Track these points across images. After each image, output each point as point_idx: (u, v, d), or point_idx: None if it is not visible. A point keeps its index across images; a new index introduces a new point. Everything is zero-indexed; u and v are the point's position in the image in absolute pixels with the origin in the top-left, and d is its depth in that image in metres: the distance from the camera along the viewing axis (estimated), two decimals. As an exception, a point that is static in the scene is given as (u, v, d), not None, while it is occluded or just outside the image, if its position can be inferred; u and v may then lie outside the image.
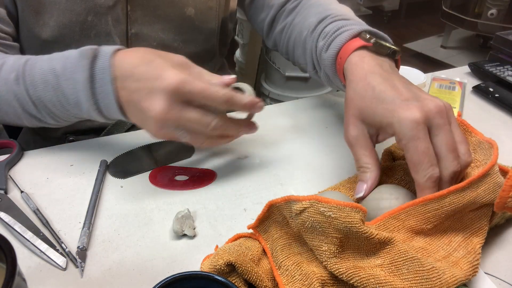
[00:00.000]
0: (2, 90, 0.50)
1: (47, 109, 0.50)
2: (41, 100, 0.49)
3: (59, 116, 0.51)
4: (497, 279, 0.41)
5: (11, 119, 0.54)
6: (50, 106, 0.50)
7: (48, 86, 0.48)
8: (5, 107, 0.52)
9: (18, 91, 0.50)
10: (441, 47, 2.90)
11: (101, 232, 0.47)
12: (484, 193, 0.41)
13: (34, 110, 0.51)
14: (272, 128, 0.66)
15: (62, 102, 0.49)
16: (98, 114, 0.49)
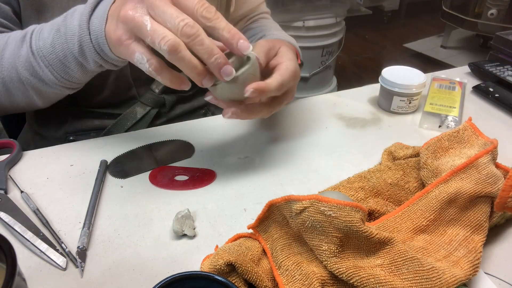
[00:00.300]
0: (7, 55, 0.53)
1: (45, 60, 0.51)
2: (41, 50, 0.51)
3: (54, 67, 0.51)
4: (497, 279, 0.41)
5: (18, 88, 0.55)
6: (48, 54, 0.50)
7: (53, 28, 0.50)
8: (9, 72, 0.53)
9: (23, 49, 0.52)
10: (441, 47, 2.90)
11: (101, 232, 0.47)
12: (476, 184, 0.43)
13: (34, 62, 0.51)
14: (272, 128, 0.66)
15: (61, 41, 0.49)
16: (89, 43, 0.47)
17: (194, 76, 0.42)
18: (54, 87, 0.54)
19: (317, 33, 1.96)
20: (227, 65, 0.41)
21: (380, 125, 0.67)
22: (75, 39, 0.48)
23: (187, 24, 0.39)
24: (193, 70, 0.41)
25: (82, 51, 0.49)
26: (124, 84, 0.68)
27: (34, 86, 0.54)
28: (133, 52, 0.42)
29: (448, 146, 0.50)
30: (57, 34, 0.50)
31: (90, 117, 0.70)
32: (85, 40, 0.48)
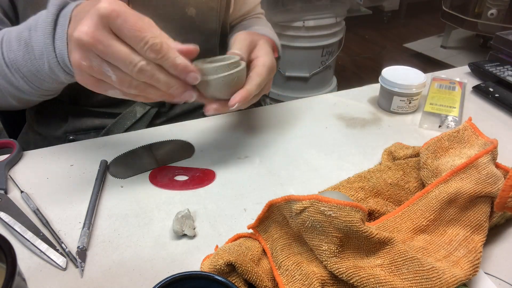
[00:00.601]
0: None
1: (20, 72, 0.50)
2: (14, 62, 0.50)
3: (29, 78, 0.51)
4: (497, 279, 0.41)
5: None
6: (22, 68, 0.50)
7: (21, 43, 0.49)
8: None
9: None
10: (441, 47, 2.90)
11: (101, 232, 0.47)
12: (475, 184, 0.43)
13: (9, 75, 0.51)
14: (272, 128, 0.66)
15: (31, 58, 0.48)
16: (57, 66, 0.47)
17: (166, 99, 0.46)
18: (31, 95, 0.54)
19: (317, 33, 1.96)
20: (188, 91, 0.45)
21: (380, 125, 0.67)
22: (43, 59, 0.48)
23: (140, 69, 0.41)
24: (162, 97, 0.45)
25: (52, 70, 0.49)
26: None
27: (12, 93, 0.54)
28: (106, 90, 0.44)
29: (448, 146, 0.50)
30: (26, 49, 0.49)
31: (90, 116, 0.70)
32: (52, 62, 0.47)
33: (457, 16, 2.53)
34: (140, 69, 0.40)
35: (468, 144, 0.50)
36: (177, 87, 0.44)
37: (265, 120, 0.68)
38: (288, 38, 1.98)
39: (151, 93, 0.44)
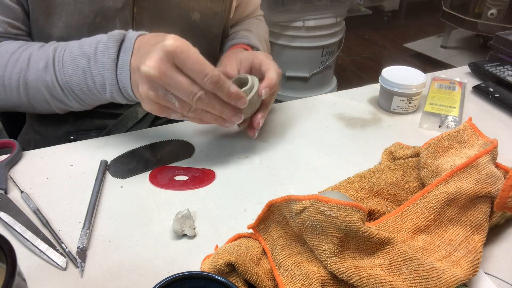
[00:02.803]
0: (32, 79, 0.56)
1: (74, 94, 0.56)
2: (69, 85, 0.54)
3: (84, 100, 0.57)
4: (497, 279, 0.41)
5: (41, 105, 0.59)
6: (76, 91, 0.55)
7: (78, 70, 0.53)
8: (34, 94, 0.57)
9: (47, 78, 0.55)
10: (441, 47, 2.90)
11: (101, 232, 0.47)
12: (475, 184, 0.43)
13: (61, 95, 0.56)
14: (272, 128, 0.66)
15: (89, 85, 0.54)
16: (119, 95, 0.53)
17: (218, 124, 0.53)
18: (77, 108, 0.60)
19: (317, 33, 1.96)
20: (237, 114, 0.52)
21: (380, 125, 0.67)
22: (105, 89, 0.54)
23: (199, 98, 0.47)
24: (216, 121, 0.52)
25: (113, 97, 0.55)
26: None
27: (58, 106, 0.59)
28: (169, 114, 0.50)
29: (448, 146, 0.50)
30: (84, 77, 0.53)
31: (91, 117, 0.70)
32: (115, 92, 0.53)
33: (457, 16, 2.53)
34: (199, 98, 0.47)
35: (468, 144, 0.50)
36: (228, 111, 0.51)
37: (265, 120, 0.68)
38: (288, 38, 1.98)
39: (206, 117, 0.51)
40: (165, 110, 0.49)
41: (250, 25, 0.83)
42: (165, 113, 0.49)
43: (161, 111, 0.49)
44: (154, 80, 0.45)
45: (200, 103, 0.47)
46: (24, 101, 0.58)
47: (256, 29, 0.81)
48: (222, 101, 0.50)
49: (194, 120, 0.52)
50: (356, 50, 3.04)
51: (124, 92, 0.53)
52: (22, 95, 0.57)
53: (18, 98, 0.58)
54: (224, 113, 0.51)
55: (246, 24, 0.83)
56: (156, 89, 0.46)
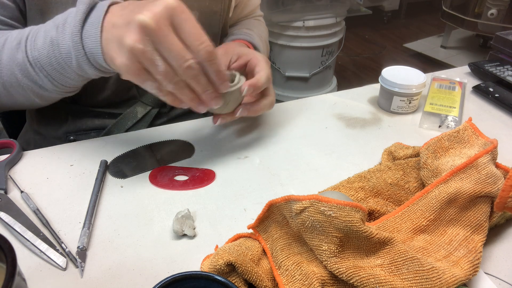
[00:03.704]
0: (5, 59, 0.52)
1: (44, 71, 0.51)
2: (38, 61, 0.50)
3: (55, 78, 0.52)
4: (497, 279, 0.41)
5: (16, 90, 0.55)
6: (46, 66, 0.51)
7: (46, 42, 0.49)
8: (8, 77, 0.53)
9: (18, 55, 0.51)
10: (441, 47, 2.90)
11: (101, 232, 0.47)
12: (475, 184, 0.43)
13: (32, 73, 0.52)
14: (272, 128, 0.66)
15: (57, 57, 0.49)
16: (86, 62, 0.48)
17: (192, 105, 0.48)
18: (53, 92, 0.55)
19: (317, 33, 1.96)
20: (217, 98, 0.48)
21: (380, 125, 0.67)
22: (71, 57, 0.49)
23: (189, 66, 0.43)
24: (191, 101, 0.47)
25: (81, 67, 0.49)
26: (125, 83, 0.68)
27: (34, 91, 0.55)
28: (144, 81, 0.45)
29: (448, 146, 0.50)
30: (51, 47, 0.49)
31: (90, 117, 0.70)
32: (81, 59, 0.48)
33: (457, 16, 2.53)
34: (189, 66, 0.43)
35: (468, 144, 0.50)
36: (211, 92, 0.47)
37: (265, 120, 0.68)
38: (288, 38, 1.98)
39: (185, 94, 0.46)
40: (142, 74, 0.44)
41: (250, 25, 0.82)
42: (142, 78, 0.44)
43: (138, 74, 0.44)
44: (148, 31, 0.41)
45: (188, 72, 0.43)
46: (1, 89, 0.55)
47: (257, 30, 0.81)
48: (207, 79, 0.46)
49: (166, 97, 0.47)
50: (356, 50, 3.04)
51: (91, 57, 0.48)
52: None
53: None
54: (207, 92, 0.46)
55: (246, 24, 0.83)
56: (145, 44, 0.41)
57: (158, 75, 0.43)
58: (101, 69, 0.50)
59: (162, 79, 0.44)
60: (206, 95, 0.47)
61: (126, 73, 0.45)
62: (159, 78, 0.44)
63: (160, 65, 0.43)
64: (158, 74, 0.43)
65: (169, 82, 0.44)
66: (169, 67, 0.43)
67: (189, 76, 0.44)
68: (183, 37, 0.43)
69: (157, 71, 0.43)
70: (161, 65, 0.43)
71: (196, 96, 0.47)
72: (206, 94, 0.47)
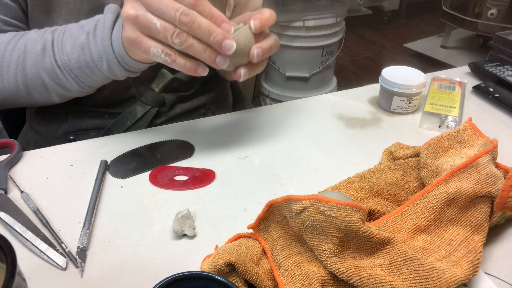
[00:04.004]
0: (30, 64, 0.55)
1: (73, 74, 0.55)
2: (67, 65, 0.54)
3: (83, 80, 0.56)
4: (497, 279, 0.41)
5: (39, 93, 0.58)
6: (75, 69, 0.54)
7: (76, 47, 0.53)
8: (33, 80, 0.56)
9: (45, 60, 0.54)
10: (441, 47, 2.90)
11: (101, 232, 0.47)
12: (475, 184, 0.43)
13: (60, 76, 0.55)
14: (272, 128, 0.66)
15: (87, 61, 0.53)
16: (116, 63, 0.52)
17: (207, 58, 0.46)
18: (76, 92, 0.58)
19: (317, 33, 1.96)
20: (226, 40, 0.45)
21: (380, 125, 0.67)
22: (102, 61, 0.52)
23: (182, 12, 0.43)
24: (204, 53, 0.46)
25: (111, 70, 0.53)
26: (124, 83, 0.68)
27: (58, 92, 0.58)
28: (148, 48, 0.46)
29: (448, 146, 0.50)
30: (82, 52, 0.53)
31: (90, 116, 0.70)
32: (112, 62, 0.52)
33: (457, 16, 2.53)
34: (183, 12, 0.43)
35: (468, 144, 0.50)
36: (218, 34, 0.44)
37: (265, 120, 0.68)
38: (288, 38, 1.98)
39: (194, 47, 0.45)
40: (145, 40, 0.45)
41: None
42: (145, 44, 0.45)
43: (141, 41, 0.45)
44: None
45: (184, 18, 0.43)
46: (22, 91, 0.57)
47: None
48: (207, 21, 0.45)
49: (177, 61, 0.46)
50: (356, 50, 3.04)
51: (120, 58, 0.51)
52: (20, 83, 0.56)
53: (16, 88, 0.57)
54: (214, 34, 0.44)
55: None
56: (136, 8, 0.44)
57: (158, 34, 0.44)
58: (129, 69, 0.53)
59: (163, 36, 0.44)
60: (214, 39, 0.44)
61: (131, 45, 0.47)
62: (160, 37, 0.44)
63: (156, 22, 0.44)
64: (158, 34, 0.44)
65: (171, 36, 0.44)
66: (165, 22, 0.44)
67: (187, 23, 0.43)
68: None
69: (156, 30, 0.44)
70: (157, 22, 0.44)
71: (207, 46, 0.45)
72: (214, 38, 0.44)
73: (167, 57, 0.46)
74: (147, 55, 0.47)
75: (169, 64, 0.47)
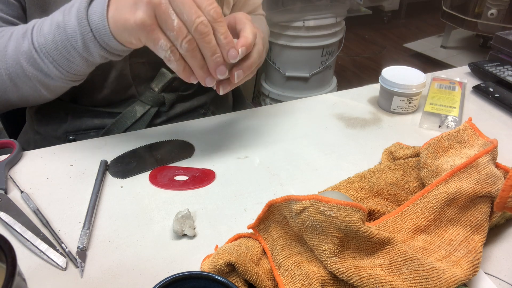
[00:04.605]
0: (11, 49, 0.53)
1: (50, 57, 0.52)
2: (44, 47, 0.51)
3: (61, 64, 0.53)
4: (497, 279, 0.41)
5: (23, 81, 0.55)
6: (52, 51, 0.52)
7: (52, 26, 0.51)
8: (14, 67, 0.54)
9: (24, 44, 0.52)
10: (441, 47, 2.90)
11: (101, 232, 0.47)
12: (475, 184, 0.43)
13: (38, 60, 0.53)
14: (272, 128, 0.66)
15: (63, 40, 0.50)
16: (92, 40, 0.49)
17: (200, 74, 0.47)
18: (59, 80, 0.55)
19: (317, 33, 1.96)
20: (223, 66, 0.47)
21: (380, 125, 0.67)
22: (77, 36, 0.49)
23: (202, 22, 0.43)
24: (201, 69, 0.47)
25: (86, 47, 0.50)
26: (123, 82, 0.68)
27: (40, 80, 0.55)
28: (158, 39, 0.45)
29: (448, 146, 0.50)
30: (57, 31, 0.50)
31: (90, 116, 0.70)
32: (87, 37, 0.49)
33: (457, 16, 2.53)
34: (202, 22, 0.43)
35: (468, 144, 0.50)
36: (218, 56, 0.46)
37: (265, 120, 0.68)
38: (288, 38, 1.98)
39: (195, 58, 0.46)
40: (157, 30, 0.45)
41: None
42: (156, 34, 0.45)
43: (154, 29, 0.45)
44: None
45: (201, 28, 0.43)
46: (7, 81, 0.56)
47: (257, 24, 0.80)
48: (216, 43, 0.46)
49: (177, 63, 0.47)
50: (356, 50, 3.04)
51: (97, 34, 0.49)
52: (3, 72, 0.55)
53: (1, 79, 0.56)
54: (215, 56, 0.46)
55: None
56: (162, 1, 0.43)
57: (171, 30, 0.44)
58: (106, 48, 0.50)
59: (175, 35, 0.44)
60: (214, 60, 0.46)
61: (141, 30, 0.45)
62: (172, 34, 0.44)
63: (175, 19, 0.43)
64: (171, 30, 0.44)
65: (182, 39, 0.44)
66: (182, 22, 0.44)
67: (201, 33, 0.44)
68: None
69: (172, 25, 0.44)
70: (175, 19, 0.43)
71: (205, 64, 0.47)
72: (215, 59, 0.46)
73: (172, 55, 0.46)
74: (153, 44, 0.46)
75: (168, 62, 0.47)
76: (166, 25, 0.44)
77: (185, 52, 0.45)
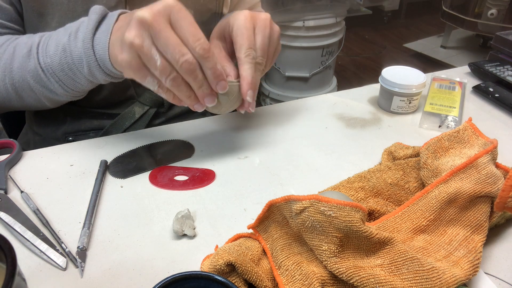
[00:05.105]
0: (16, 66, 0.55)
1: (56, 77, 0.54)
2: (50, 67, 0.53)
3: (66, 83, 0.54)
4: (497, 279, 0.41)
5: (28, 95, 0.57)
6: (58, 72, 0.53)
7: (58, 48, 0.52)
8: (20, 83, 0.55)
9: (30, 63, 0.54)
10: (441, 47, 2.90)
11: (101, 232, 0.47)
12: (475, 184, 0.43)
13: (44, 79, 0.54)
14: (272, 128, 0.66)
15: (69, 62, 0.52)
16: (96, 67, 0.51)
17: (188, 102, 0.49)
18: (63, 96, 0.57)
19: (317, 33, 1.96)
20: (210, 95, 0.48)
21: (380, 125, 0.67)
22: (83, 63, 0.51)
23: (186, 61, 0.44)
24: (189, 98, 0.48)
25: (91, 73, 0.52)
26: (122, 84, 0.68)
27: (45, 95, 0.57)
28: (144, 77, 0.46)
29: (448, 146, 0.50)
30: (63, 54, 0.52)
31: (89, 117, 0.70)
32: (93, 65, 0.51)
33: (457, 16, 2.53)
34: (187, 60, 0.43)
35: (468, 144, 0.50)
36: (206, 87, 0.47)
37: (265, 120, 0.68)
38: (288, 38, 1.98)
39: (182, 91, 0.47)
40: (142, 70, 0.45)
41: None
42: (141, 73, 0.46)
43: (138, 70, 0.45)
44: (145, 26, 0.42)
45: (185, 66, 0.44)
46: (12, 93, 0.57)
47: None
48: (203, 76, 0.46)
49: (166, 94, 0.48)
50: (356, 50, 3.04)
51: (101, 63, 0.50)
52: (9, 86, 0.56)
53: (6, 91, 0.56)
54: (202, 88, 0.47)
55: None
56: (143, 38, 0.43)
57: (156, 70, 0.44)
58: (110, 74, 0.52)
59: (159, 74, 0.45)
60: (201, 92, 0.47)
61: (127, 69, 0.46)
62: (156, 73, 0.45)
63: (158, 59, 0.44)
64: (156, 69, 0.44)
65: (166, 77, 0.45)
66: (166, 62, 0.44)
67: (186, 71, 0.44)
68: (180, 34, 0.43)
69: (155, 66, 0.44)
70: (158, 59, 0.44)
71: (193, 93, 0.47)
72: (201, 90, 0.47)
73: (160, 88, 0.47)
74: (141, 81, 0.47)
75: (158, 93, 0.48)
76: (150, 65, 0.45)
77: (171, 88, 0.46)
